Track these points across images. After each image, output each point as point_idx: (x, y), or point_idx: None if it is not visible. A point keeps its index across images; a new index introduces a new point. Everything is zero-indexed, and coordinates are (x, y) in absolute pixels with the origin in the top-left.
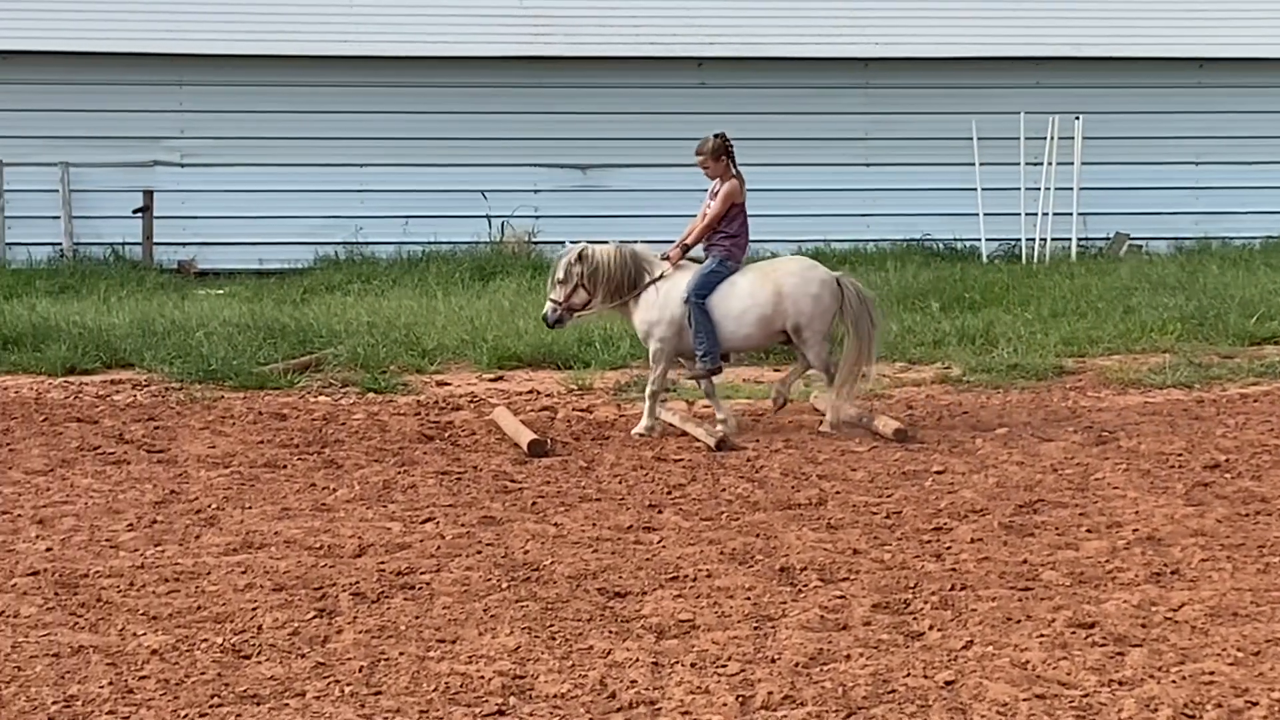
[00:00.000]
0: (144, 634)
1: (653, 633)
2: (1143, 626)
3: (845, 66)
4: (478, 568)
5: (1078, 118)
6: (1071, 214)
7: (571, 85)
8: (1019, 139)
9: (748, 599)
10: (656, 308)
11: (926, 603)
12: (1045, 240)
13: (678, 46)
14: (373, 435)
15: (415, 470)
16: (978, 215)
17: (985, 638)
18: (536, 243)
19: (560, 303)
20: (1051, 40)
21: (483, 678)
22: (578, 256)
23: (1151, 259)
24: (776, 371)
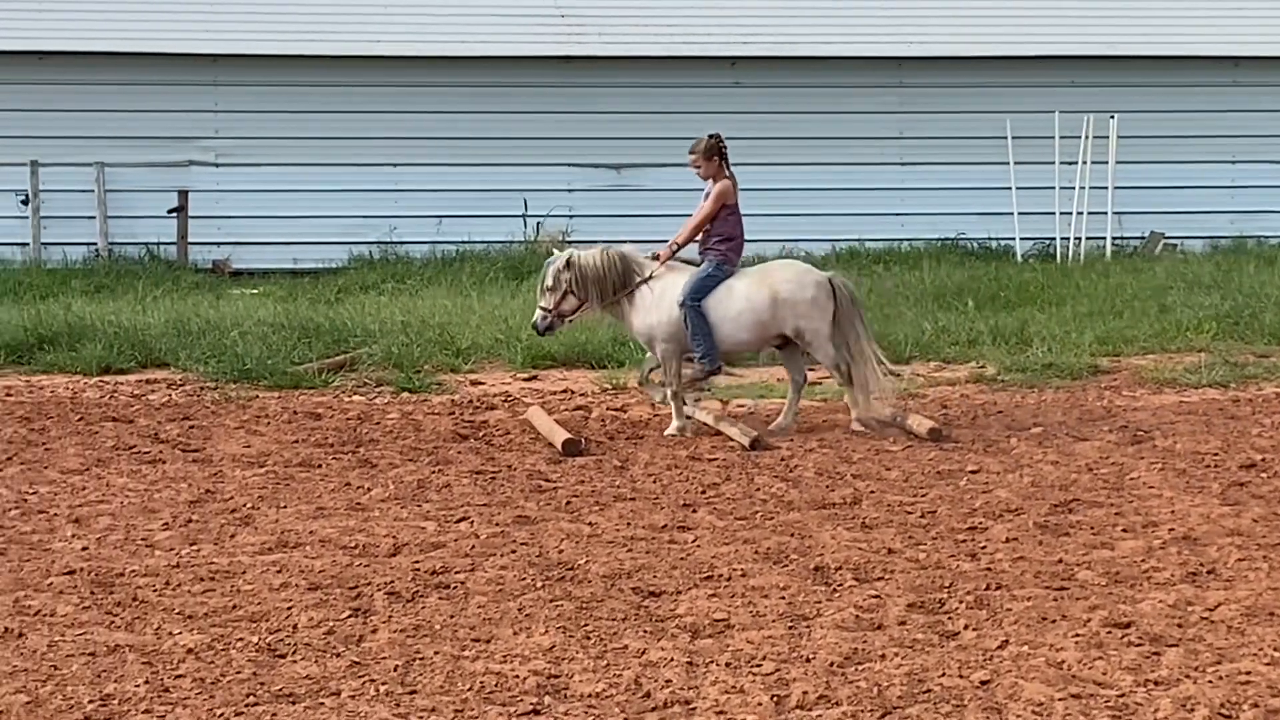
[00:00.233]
0: (180, 633)
1: (687, 632)
2: (1179, 626)
3: (880, 65)
4: (512, 567)
5: (1113, 116)
6: (1106, 213)
7: (605, 85)
8: (1054, 138)
9: (782, 598)
10: (654, 310)
11: (961, 602)
12: (1080, 239)
13: (712, 46)
14: (407, 435)
15: (450, 469)
16: (1012, 214)
17: (1020, 637)
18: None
19: (550, 310)
20: (1086, 39)
21: (517, 677)
22: (565, 263)
23: (1187, 258)
24: (810, 370)
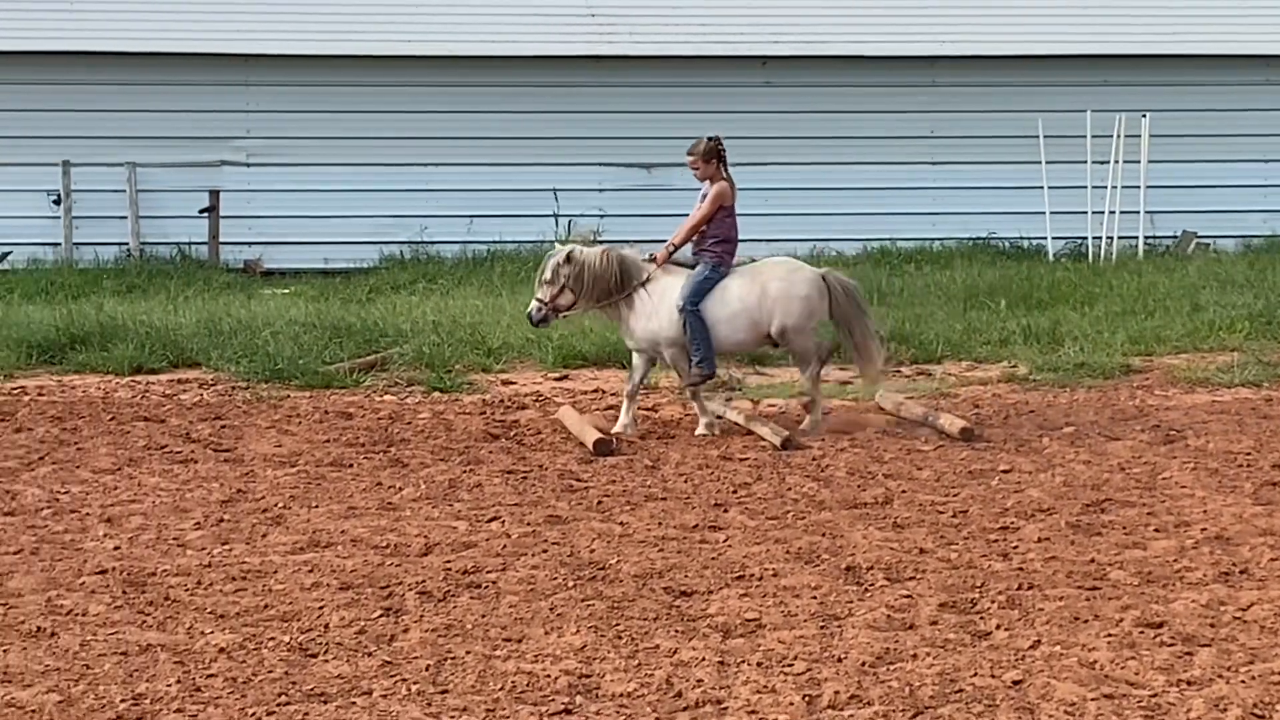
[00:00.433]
0: (212, 632)
1: (719, 632)
2: (1211, 626)
3: (911, 65)
4: (543, 566)
5: (1144, 115)
6: (1138, 212)
7: (636, 84)
8: (1085, 137)
9: (814, 598)
10: (656, 316)
11: (993, 602)
12: (1112, 238)
13: (742, 45)
14: (438, 434)
15: (481, 469)
16: (1044, 213)
17: (1053, 637)
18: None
19: (546, 302)
20: (1119, 38)
21: (549, 676)
22: (565, 258)
23: (1219, 257)
24: (842, 370)
